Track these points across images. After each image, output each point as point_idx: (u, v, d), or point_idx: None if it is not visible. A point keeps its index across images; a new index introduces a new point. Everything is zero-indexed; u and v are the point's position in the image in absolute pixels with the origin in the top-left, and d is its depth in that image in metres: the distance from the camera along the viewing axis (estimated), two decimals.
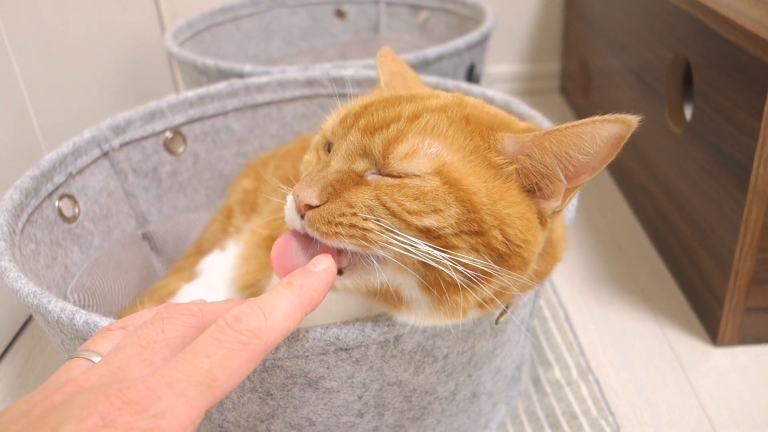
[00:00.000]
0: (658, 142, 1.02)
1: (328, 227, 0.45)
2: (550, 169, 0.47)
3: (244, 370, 0.36)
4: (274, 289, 0.41)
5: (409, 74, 0.63)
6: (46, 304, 0.55)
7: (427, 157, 0.46)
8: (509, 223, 0.46)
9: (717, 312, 0.86)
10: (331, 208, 0.45)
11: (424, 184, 0.45)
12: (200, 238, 0.92)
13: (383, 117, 0.48)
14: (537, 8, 1.62)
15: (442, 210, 0.45)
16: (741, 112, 0.77)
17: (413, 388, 0.59)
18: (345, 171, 0.47)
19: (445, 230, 0.45)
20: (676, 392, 0.81)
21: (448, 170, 0.46)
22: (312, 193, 0.46)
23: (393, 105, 0.50)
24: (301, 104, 0.99)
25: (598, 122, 0.44)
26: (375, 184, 0.46)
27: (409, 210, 0.45)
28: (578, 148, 0.46)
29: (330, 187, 0.46)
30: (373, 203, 0.45)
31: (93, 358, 0.38)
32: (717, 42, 0.81)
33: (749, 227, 0.78)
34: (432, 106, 0.50)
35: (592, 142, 0.45)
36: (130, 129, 0.86)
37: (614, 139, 0.45)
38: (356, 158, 0.48)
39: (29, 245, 0.70)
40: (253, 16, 1.43)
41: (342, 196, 0.46)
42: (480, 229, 0.45)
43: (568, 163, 0.47)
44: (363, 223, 0.45)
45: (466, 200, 0.45)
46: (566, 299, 0.96)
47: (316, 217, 0.45)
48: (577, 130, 0.45)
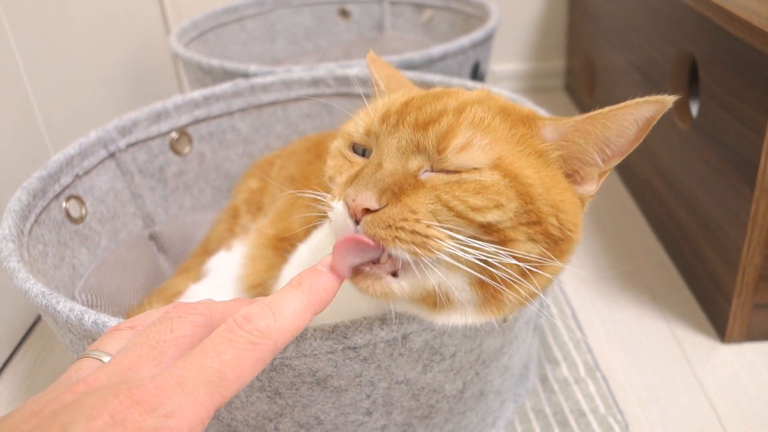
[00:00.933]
0: (665, 138, 1.02)
1: (386, 231, 0.43)
2: (588, 153, 0.48)
3: (253, 370, 0.36)
4: (283, 289, 0.41)
5: (403, 78, 0.62)
6: (55, 304, 0.55)
7: (483, 150, 0.45)
8: (563, 209, 0.47)
9: (725, 308, 0.86)
10: (392, 212, 0.43)
11: (484, 178, 0.44)
12: (207, 238, 0.92)
13: (431, 111, 0.47)
14: (541, 6, 1.62)
15: (503, 205, 0.44)
16: (747, 108, 0.76)
17: (421, 387, 0.59)
18: (400, 172, 0.45)
19: (505, 224, 0.45)
20: (684, 389, 0.81)
21: (505, 163, 0.45)
22: (371, 196, 0.44)
23: (435, 100, 0.49)
24: (307, 104, 0.99)
25: (640, 104, 0.45)
26: (432, 184, 0.45)
27: (472, 206, 0.44)
28: (617, 132, 0.47)
29: (389, 191, 0.44)
30: (436, 206, 0.44)
31: (102, 358, 0.38)
32: (723, 38, 0.81)
33: (757, 223, 0.78)
34: (470, 99, 0.49)
35: (632, 124, 0.46)
36: (136, 130, 0.86)
37: (648, 120, 0.46)
38: (409, 156, 0.46)
39: (37, 246, 0.70)
40: (258, 17, 1.44)
41: (403, 201, 0.44)
42: (538, 219, 0.46)
43: (606, 147, 0.48)
44: (426, 230, 0.43)
45: (525, 193, 0.45)
46: (573, 297, 0.96)
47: (375, 221, 0.43)
48: (619, 113, 0.46)
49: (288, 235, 0.74)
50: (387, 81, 0.60)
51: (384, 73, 0.61)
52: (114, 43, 1.30)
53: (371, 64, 0.61)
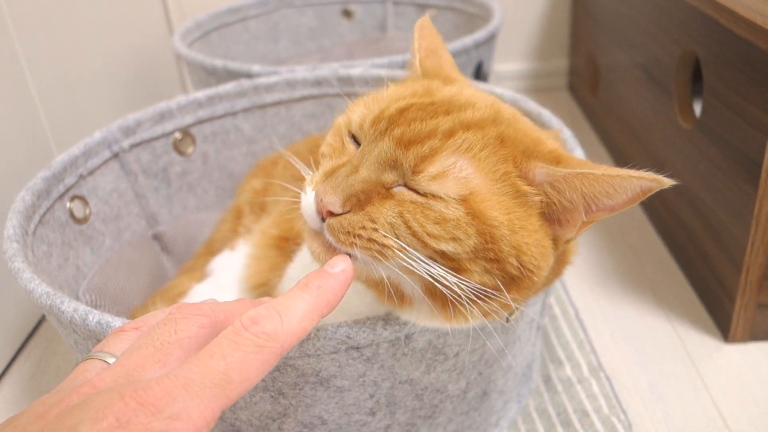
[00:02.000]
0: (668, 138, 1.02)
1: (346, 237, 0.45)
2: (573, 205, 0.47)
3: (259, 373, 0.36)
4: (290, 291, 0.41)
5: (444, 55, 0.61)
6: (59, 304, 0.55)
7: (457, 181, 0.45)
8: (526, 251, 0.46)
9: (728, 308, 0.85)
10: (352, 219, 0.45)
11: (447, 211, 0.44)
12: (210, 238, 0.92)
13: (419, 130, 0.47)
14: (544, 5, 1.62)
15: (461, 239, 0.44)
16: (751, 107, 0.76)
17: (424, 387, 0.59)
18: (372, 181, 0.46)
19: (461, 256, 0.45)
20: (687, 389, 0.80)
21: (474, 200, 0.45)
22: (336, 201, 0.45)
23: (429, 116, 0.48)
24: (310, 104, 0.99)
25: (634, 177, 0.44)
26: (400, 199, 0.45)
27: (429, 233, 0.44)
28: (607, 194, 0.46)
29: (355, 198, 0.45)
30: (396, 221, 0.45)
31: (107, 359, 0.38)
32: (726, 37, 0.81)
33: (761, 222, 0.78)
34: (468, 121, 0.48)
35: (622, 192, 0.45)
36: (139, 130, 0.86)
37: (643, 191, 0.45)
38: (385, 169, 0.46)
39: (41, 246, 0.70)
40: (261, 17, 1.44)
41: (365, 210, 0.45)
42: (497, 257, 0.45)
43: (593, 203, 0.47)
44: (382, 239, 0.45)
45: (487, 233, 0.45)
46: (576, 297, 0.96)
47: (336, 226, 0.45)
48: (612, 180, 0.45)
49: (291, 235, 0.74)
50: (425, 55, 0.58)
51: (426, 45, 0.59)
52: (117, 43, 1.30)
53: (418, 32, 0.60)
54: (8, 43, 0.94)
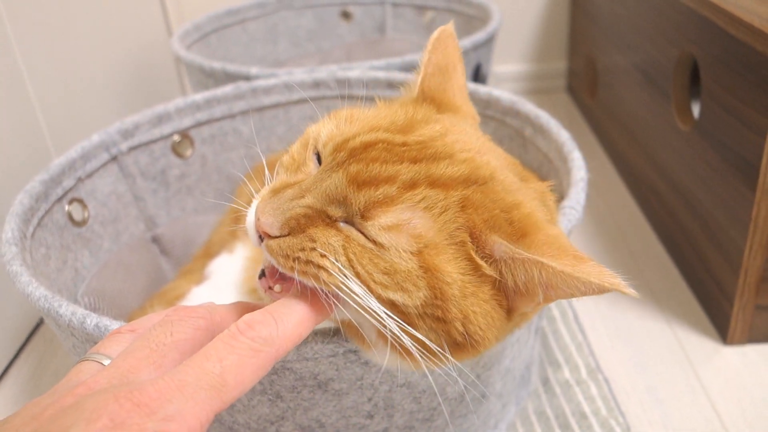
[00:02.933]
0: (666, 140, 1.02)
1: (285, 261, 0.42)
2: (530, 288, 0.43)
3: (254, 377, 0.37)
4: (286, 298, 0.42)
5: (455, 75, 0.56)
6: (57, 307, 0.55)
7: (410, 237, 0.42)
8: (473, 320, 0.43)
9: (727, 310, 0.86)
10: (291, 242, 0.42)
11: (398, 261, 0.42)
12: (209, 241, 0.92)
13: (377, 173, 0.43)
14: (543, 7, 1.62)
15: (410, 291, 0.42)
16: (749, 110, 0.76)
17: (422, 390, 0.59)
18: (316, 209, 0.43)
19: (409, 309, 0.42)
20: (686, 391, 0.81)
21: (428, 254, 0.42)
22: (273, 224, 0.42)
23: (394, 159, 0.44)
24: (308, 106, 0.99)
25: (594, 281, 0.40)
26: (346, 234, 0.42)
27: (376, 280, 0.42)
28: (565, 286, 0.42)
29: (294, 221, 0.43)
30: (339, 249, 0.42)
31: (103, 361, 0.39)
32: (724, 39, 0.81)
33: (758, 225, 0.78)
34: (435, 177, 0.44)
35: (582, 288, 0.41)
36: (138, 133, 0.86)
37: (603, 290, 0.41)
38: (332, 203, 0.43)
39: (40, 249, 0.70)
40: (260, 19, 1.44)
41: (306, 231, 0.42)
42: (444, 317, 0.43)
43: (551, 291, 0.43)
44: (319, 259, 0.41)
45: (437, 288, 0.42)
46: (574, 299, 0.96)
47: (274, 247, 0.43)
48: (570, 279, 0.41)
49: None
50: (431, 71, 0.54)
51: (436, 60, 0.55)
52: (116, 45, 1.31)
53: (432, 44, 0.55)
54: (6, 46, 0.94)
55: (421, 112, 0.51)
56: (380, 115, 0.49)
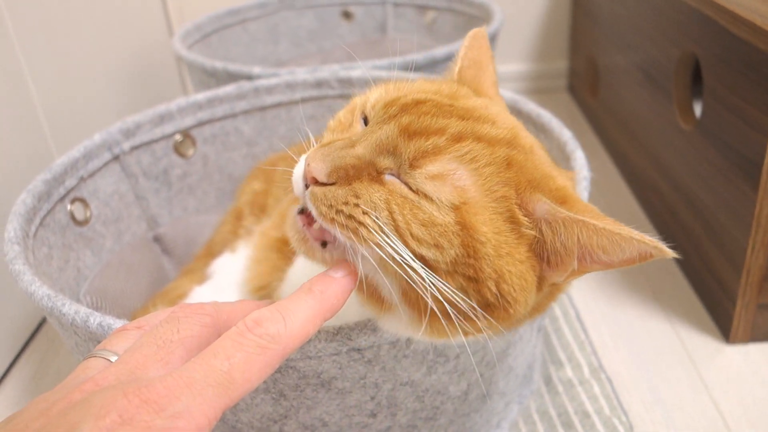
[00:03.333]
0: (668, 139, 1.02)
1: (327, 210, 0.43)
2: (567, 250, 0.44)
3: (262, 374, 0.37)
4: (294, 295, 0.42)
5: (488, 70, 0.58)
6: (60, 306, 0.55)
7: (453, 188, 0.43)
8: (507, 279, 0.44)
9: (729, 309, 0.85)
10: (336, 192, 0.43)
11: (437, 215, 0.42)
12: (211, 240, 0.92)
13: (427, 124, 0.45)
14: (544, 7, 1.62)
15: (443, 247, 0.42)
16: (751, 109, 0.76)
17: (426, 388, 0.59)
18: (365, 160, 0.44)
19: (439, 265, 0.43)
20: (688, 390, 0.80)
21: (467, 211, 0.43)
22: (322, 170, 0.43)
23: (443, 115, 0.46)
24: (310, 106, 0.99)
25: (635, 240, 0.41)
26: (390, 188, 0.43)
27: (412, 233, 0.42)
28: (604, 249, 0.43)
29: (342, 170, 0.43)
30: (380, 204, 0.43)
31: (110, 357, 0.39)
32: (726, 38, 0.81)
33: (761, 224, 0.78)
34: (481, 134, 0.46)
35: (620, 250, 0.42)
36: (140, 132, 0.87)
37: (641, 256, 0.42)
38: (382, 153, 0.44)
39: (42, 249, 0.70)
40: (261, 19, 1.44)
41: (352, 185, 0.43)
42: (476, 276, 0.43)
43: (588, 255, 0.44)
44: (361, 216, 0.42)
45: (471, 247, 0.43)
46: (577, 298, 0.96)
47: (319, 195, 0.43)
48: (612, 236, 0.42)
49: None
50: (467, 65, 0.56)
51: (472, 55, 0.57)
52: (117, 45, 1.31)
53: (468, 41, 0.57)
54: (8, 45, 0.94)
55: (463, 90, 0.53)
56: (427, 83, 0.51)
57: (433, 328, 0.46)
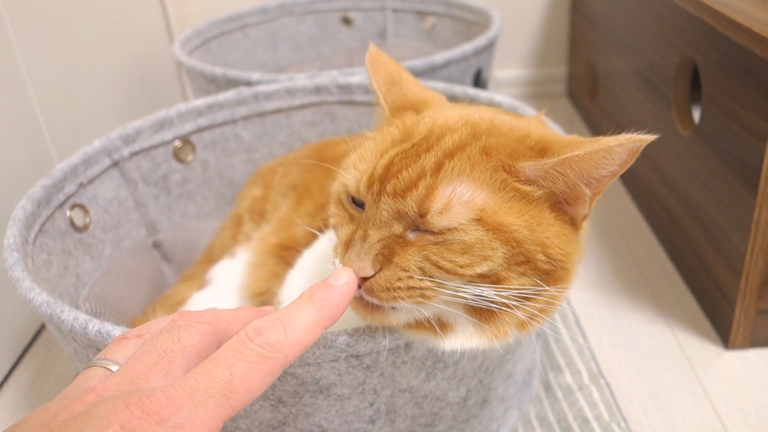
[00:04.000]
0: (667, 144, 1.02)
1: (387, 294, 0.46)
2: (573, 186, 0.48)
3: (263, 383, 0.37)
4: (294, 303, 0.42)
5: (404, 80, 0.60)
6: (59, 313, 0.55)
7: (463, 206, 0.46)
8: (549, 244, 0.47)
9: (728, 314, 0.85)
10: (387, 275, 0.46)
11: (468, 237, 0.46)
12: (210, 246, 0.92)
13: (409, 177, 0.47)
14: (543, 12, 1.62)
15: (491, 256, 0.46)
16: (749, 114, 0.77)
17: (424, 394, 0.59)
18: (387, 237, 0.47)
19: (496, 269, 0.46)
20: (688, 396, 0.80)
21: (487, 215, 0.46)
22: (366, 266, 0.46)
23: (414, 160, 0.48)
24: (309, 112, 0.99)
25: (615, 146, 0.45)
26: (420, 244, 0.46)
27: (460, 264, 0.46)
28: (598, 167, 0.47)
29: (380, 255, 0.46)
30: (425, 264, 0.46)
31: (110, 367, 0.38)
32: (724, 44, 0.81)
33: (760, 229, 0.78)
34: (450, 149, 0.49)
35: (611, 160, 0.46)
36: (139, 138, 0.87)
37: (631, 153, 0.46)
38: (393, 222, 0.47)
39: (41, 255, 0.70)
40: (261, 25, 1.44)
41: (394, 262, 0.46)
42: (526, 259, 0.47)
43: (591, 179, 0.48)
44: (420, 283, 0.46)
45: (510, 239, 0.46)
46: (576, 303, 0.96)
47: (374, 286, 0.46)
48: (596, 155, 0.46)
49: (291, 243, 0.74)
50: (385, 89, 0.58)
51: (383, 78, 0.59)
52: (117, 51, 1.31)
53: (370, 67, 0.59)
54: (9, 51, 0.94)
55: (408, 118, 0.55)
56: (379, 141, 0.53)
57: (499, 329, 0.50)
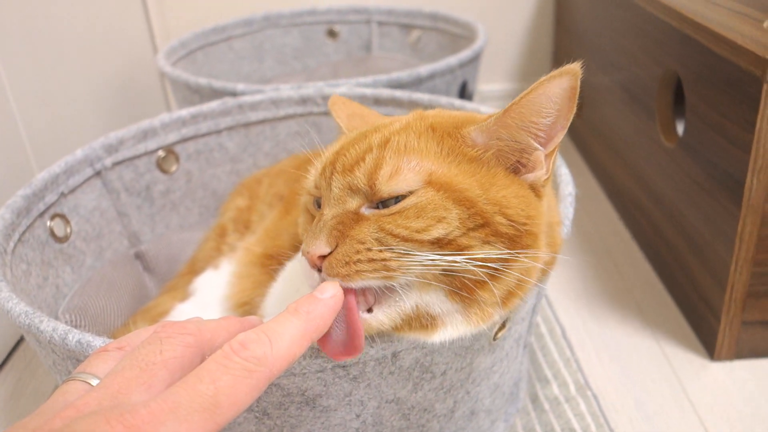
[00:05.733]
0: (651, 157, 1.03)
1: (347, 268, 0.45)
2: (522, 142, 0.49)
3: (248, 398, 0.36)
4: (280, 316, 0.41)
5: (365, 112, 0.63)
6: (38, 323, 0.54)
7: (412, 171, 0.47)
8: (507, 204, 0.47)
9: (714, 326, 0.86)
10: (344, 249, 0.46)
11: (420, 199, 0.46)
12: (193, 257, 0.91)
13: (356, 153, 0.49)
14: (527, 27, 1.64)
15: (445, 217, 0.46)
16: (733, 126, 0.77)
17: (411, 406, 0.58)
18: (341, 213, 0.48)
19: (454, 233, 0.46)
20: (674, 407, 0.80)
21: (437, 177, 0.47)
22: (320, 243, 0.46)
23: (361, 140, 0.51)
24: (295, 122, 0.99)
25: (545, 82, 0.46)
26: (375, 218, 0.47)
27: (416, 229, 0.46)
28: (538, 113, 0.47)
29: (335, 231, 0.47)
30: (381, 235, 0.46)
31: (90, 381, 0.37)
32: (707, 57, 0.82)
33: (744, 240, 0.78)
34: (397, 129, 0.51)
35: (548, 102, 0.47)
36: (122, 148, 0.86)
37: (567, 92, 0.47)
38: (346, 199, 0.48)
39: (20, 265, 0.69)
40: (246, 36, 1.44)
41: (349, 235, 0.46)
42: (484, 220, 0.46)
43: (537, 130, 0.48)
44: (379, 254, 0.45)
45: (463, 198, 0.46)
46: (562, 315, 0.96)
47: (332, 263, 0.46)
48: (530, 97, 0.46)
49: (275, 253, 0.74)
50: (347, 121, 0.61)
51: (345, 113, 0.62)
52: (101, 61, 1.30)
53: (332, 108, 0.63)
54: None
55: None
56: (336, 142, 0.55)
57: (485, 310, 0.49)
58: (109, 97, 1.32)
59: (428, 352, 0.54)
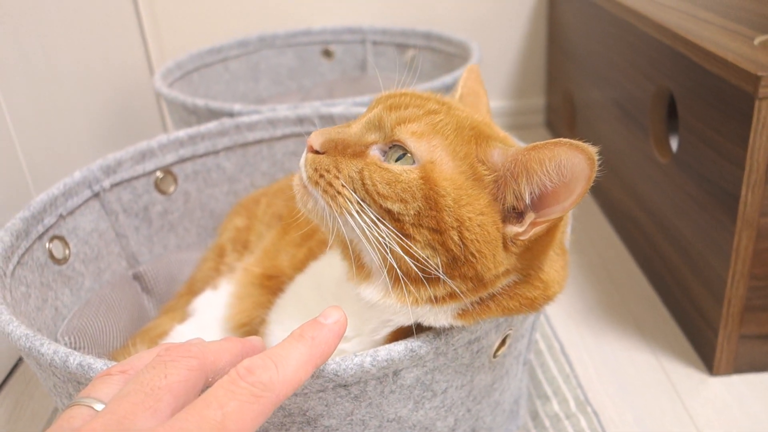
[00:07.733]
0: (646, 173, 1.04)
1: (313, 173, 0.51)
2: (517, 184, 0.48)
3: (255, 423, 0.36)
4: (285, 341, 0.41)
5: (483, 100, 0.65)
6: (38, 346, 0.54)
7: (428, 148, 0.49)
8: (468, 227, 0.48)
9: (712, 340, 0.86)
10: (323, 160, 0.51)
11: (403, 176, 0.48)
12: (192, 278, 0.91)
13: (407, 101, 0.52)
14: (521, 45, 1.65)
15: (407, 201, 0.48)
16: (726, 142, 0.78)
17: (412, 424, 0.58)
18: (356, 136, 0.51)
19: (404, 217, 0.48)
20: (674, 422, 0.80)
21: (432, 168, 0.48)
22: (317, 139, 0.51)
23: (423, 99, 0.53)
24: (292, 142, 0.99)
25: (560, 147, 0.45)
26: (368, 160, 0.50)
27: (379, 191, 0.48)
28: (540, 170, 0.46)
29: (333, 143, 0.51)
30: (355, 176, 0.49)
31: (95, 406, 0.37)
32: (700, 74, 0.83)
33: (740, 254, 0.79)
34: (453, 113, 0.52)
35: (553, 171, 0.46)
36: (120, 169, 0.86)
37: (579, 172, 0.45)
38: (372, 128, 0.52)
39: (20, 288, 0.69)
40: (241, 57, 1.45)
41: (337, 158, 0.50)
42: (438, 227, 0.48)
43: (535, 183, 0.47)
44: (339, 186, 0.49)
45: (432, 200, 0.48)
46: (561, 331, 0.96)
47: (310, 159, 0.51)
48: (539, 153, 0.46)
49: (275, 273, 0.74)
50: (466, 92, 0.63)
51: (469, 85, 0.64)
52: (98, 83, 1.31)
53: (467, 73, 0.65)
54: None
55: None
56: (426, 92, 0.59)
57: (410, 291, 0.50)
58: (106, 118, 1.32)
59: (429, 370, 0.54)
